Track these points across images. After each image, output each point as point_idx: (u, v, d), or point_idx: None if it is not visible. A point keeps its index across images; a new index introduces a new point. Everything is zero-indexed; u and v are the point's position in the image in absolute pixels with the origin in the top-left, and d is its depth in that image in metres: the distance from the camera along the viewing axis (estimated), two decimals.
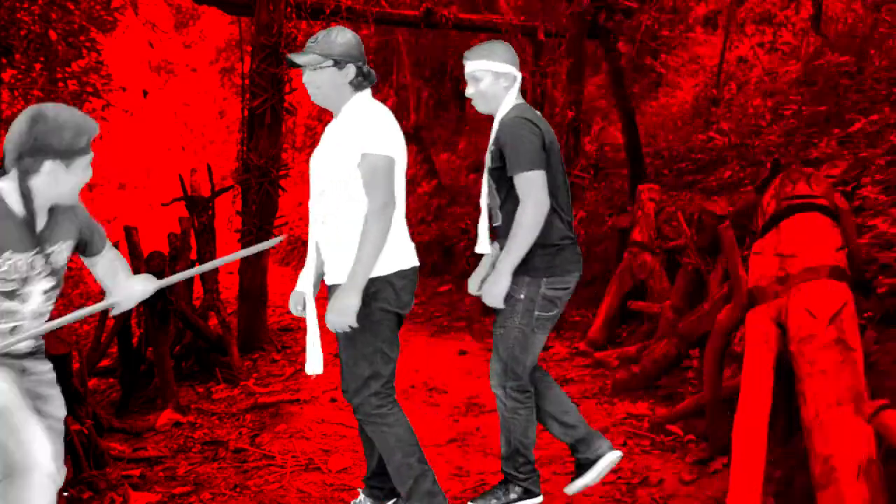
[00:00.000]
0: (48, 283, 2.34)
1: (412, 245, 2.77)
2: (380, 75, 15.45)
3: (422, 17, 7.88)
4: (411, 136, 13.51)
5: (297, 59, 2.68)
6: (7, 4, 6.34)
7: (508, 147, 2.70)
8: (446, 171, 13.08)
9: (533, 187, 2.65)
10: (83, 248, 2.47)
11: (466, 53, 2.95)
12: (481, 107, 2.92)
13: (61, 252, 2.37)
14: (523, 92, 3.00)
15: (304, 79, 2.71)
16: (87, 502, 3.60)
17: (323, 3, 7.22)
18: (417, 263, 2.76)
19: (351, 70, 2.67)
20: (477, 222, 3.00)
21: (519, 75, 2.91)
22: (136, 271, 6.13)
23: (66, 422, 2.66)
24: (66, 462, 3.61)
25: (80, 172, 2.26)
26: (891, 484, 2.59)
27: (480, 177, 3.38)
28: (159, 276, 5.47)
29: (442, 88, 14.95)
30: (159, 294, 5.60)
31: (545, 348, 6.91)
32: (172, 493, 3.73)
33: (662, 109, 10.57)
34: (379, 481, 2.94)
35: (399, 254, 2.67)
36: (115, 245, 7.09)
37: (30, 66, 8.44)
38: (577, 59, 7.80)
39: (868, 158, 4.86)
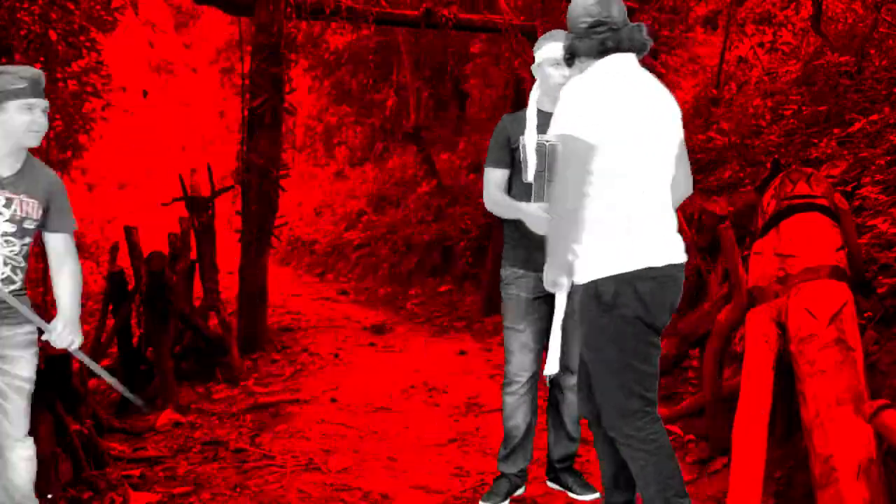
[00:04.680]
0: (8, 227, 2.53)
1: (662, 239, 2.45)
2: (380, 75, 15.49)
3: (422, 17, 7.87)
4: (411, 136, 13.50)
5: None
6: (7, 4, 6.33)
7: None
8: (446, 172, 13.06)
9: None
10: (43, 218, 2.64)
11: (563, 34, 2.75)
12: (558, 92, 2.67)
13: (26, 203, 2.56)
14: (524, 91, 3.00)
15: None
16: (87, 502, 3.60)
17: (323, 3, 7.23)
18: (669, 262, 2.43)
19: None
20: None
21: None
22: (136, 271, 6.15)
23: (66, 422, 2.68)
24: (66, 462, 3.62)
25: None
26: (891, 484, 2.59)
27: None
28: (159, 276, 5.53)
29: (442, 88, 14.93)
30: (159, 294, 5.63)
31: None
32: (172, 493, 3.72)
33: None
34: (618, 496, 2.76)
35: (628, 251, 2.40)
36: (115, 245, 7.03)
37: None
38: None
39: (868, 158, 4.86)
